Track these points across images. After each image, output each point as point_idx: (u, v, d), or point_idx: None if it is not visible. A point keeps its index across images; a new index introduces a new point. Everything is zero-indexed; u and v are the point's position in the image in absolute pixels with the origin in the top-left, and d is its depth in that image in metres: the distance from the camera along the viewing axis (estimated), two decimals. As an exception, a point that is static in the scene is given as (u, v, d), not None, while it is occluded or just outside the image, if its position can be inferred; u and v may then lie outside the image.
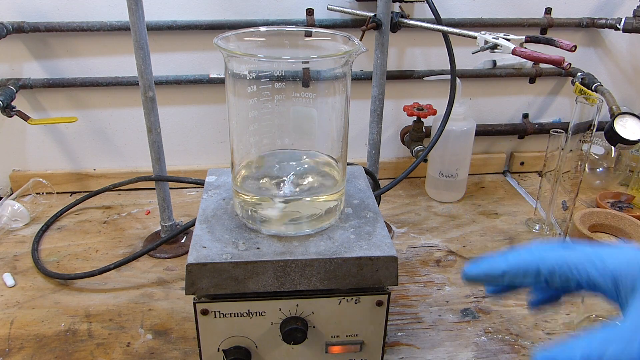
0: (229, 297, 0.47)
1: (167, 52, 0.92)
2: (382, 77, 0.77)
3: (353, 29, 0.92)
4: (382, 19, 0.74)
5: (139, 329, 0.65)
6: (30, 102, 0.93)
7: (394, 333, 0.65)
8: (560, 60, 0.62)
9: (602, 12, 1.00)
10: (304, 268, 0.46)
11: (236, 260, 0.46)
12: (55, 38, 0.89)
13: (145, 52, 0.69)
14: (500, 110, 1.07)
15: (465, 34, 0.70)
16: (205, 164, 1.02)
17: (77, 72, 0.91)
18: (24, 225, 0.87)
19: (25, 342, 0.63)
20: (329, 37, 0.51)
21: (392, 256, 0.47)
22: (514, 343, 0.64)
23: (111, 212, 0.93)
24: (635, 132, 0.80)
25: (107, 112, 0.95)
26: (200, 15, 0.90)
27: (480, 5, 0.96)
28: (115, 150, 0.99)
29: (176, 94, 0.95)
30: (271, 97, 0.47)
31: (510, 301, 0.71)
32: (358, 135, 1.02)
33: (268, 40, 0.52)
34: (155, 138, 0.75)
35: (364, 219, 0.52)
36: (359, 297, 0.49)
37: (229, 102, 0.49)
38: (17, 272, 0.76)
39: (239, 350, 0.50)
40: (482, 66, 1.00)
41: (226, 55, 0.45)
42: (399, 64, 0.99)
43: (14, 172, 0.98)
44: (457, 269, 0.78)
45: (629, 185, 1.01)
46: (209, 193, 0.57)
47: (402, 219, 0.91)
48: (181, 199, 0.97)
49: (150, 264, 0.78)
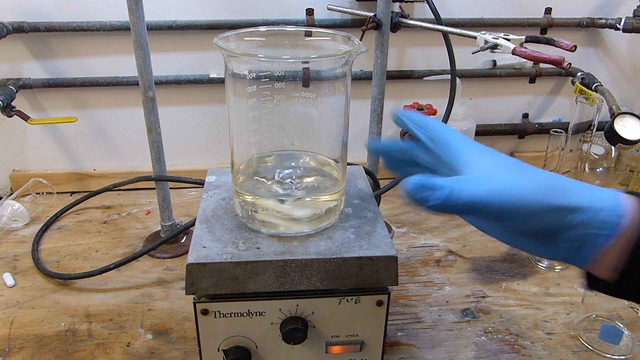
0: (229, 297, 0.47)
1: (167, 52, 0.92)
2: (382, 77, 0.77)
3: (353, 29, 0.92)
4: (382, 18, 0.74)
5: (139, 329, 0.65)
6: (30, 102, 0.93)
7: (394, 333, 0.65)
8: (560, 60, 0.62)
9: (602, 12, 1.00)
10: (304, 268, 0.46)
11: (236, 260, 0.46)
12: (55, 38, 0.89)
13: (145, 52, 0.69)
14: (500, 110, 1.07)
15: (465, 34, 0.70)
16: (205, 164, 1.02)
17: (77, 72, 0.91)
18: (24, 225, 0.87)
19: (25, 342, 0.63)
20: (329, 37, 0.51)
21: (392, 256, 0.47)
22: (514, 343, 0.64)
23: (111, 212, 0.93)
24: (635, 132, 0.80)
25: (107, 112, 0.95)
26: (200, 15, 0.90)
27: (480, 5, 0.96)
28: (115, 150, 0.99)
29: (176, 94, 0.95)
30: (271, 97, 0.47)
31: (510, 301, 0.71)
32: (358, 135, 1.02)
33: (268, 40, 0.52)
34: (155, 138, 0.75)
35: (364, 219, 0.52)
36: (359, 297, 0.49)
37: (229, 102, 0.49)
38: (17, 272, 0.76)
39: (239, 350, 0.50)
40: (482, 66, 1.00)
41: (226, 55, 0.45)
42: (399, 64, 0.99)
43: (14, 172, 0.98)
44: (457, 269, 0.78)
45: (629, 185, 1.01)
46: (209, 193, 0.57)
47: (402, 219, 0.91)
48: (181, 199, 0.97)
49: (150, 264, 0.78)
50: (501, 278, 0.76)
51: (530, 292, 0.73)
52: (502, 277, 0.76)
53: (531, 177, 0.37)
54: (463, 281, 0.75)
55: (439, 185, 0.35)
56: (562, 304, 0.71)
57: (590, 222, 0.35)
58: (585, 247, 0.36)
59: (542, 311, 0.70)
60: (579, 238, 0.36)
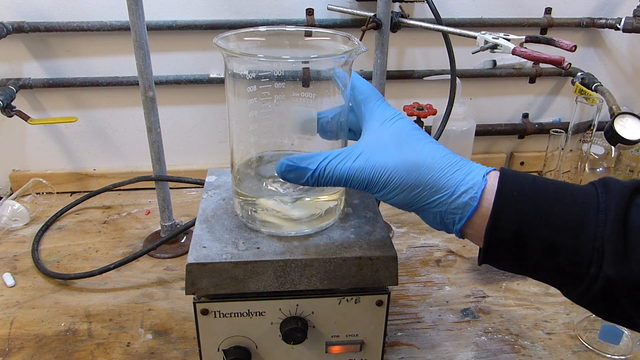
0: (229, 297, 0.47)
1: (167, 52, 0.92)
2: (382, 77, 0.77)
3: (353, 29, 0.92)
4: (382, 18, 0.74)
5: (139, 328, 0.65)
6: (30, 102, 0.93)
7: (394, 333, 0.65)
8: (560, 60, 0.62)
9: (602, 12, 1.00)
10: (304, 268, 0.46)
11: (236, 260, 0.46)
12: (55, 38, 0.89)
13: (145, 52, 0.69)
14: (500, 110, 1.07)
15: (465, 34, 0.70)
16: (205, 164, 1.02)
17: (77, 72, 0.91)
18: (24, 225, 0.87)
19: (25, 342, 0.63)
20: (329, 37, 0.51)
21: (392, 256, 0.47)
22: (514, 343, 0.64)
23: (111, 212, 0.93)
24: (635, 132, 0.80)
25: (107, 112, 0.95)
26: (200, 15, 0.90)
27: (480, 5, 0.96)
28: (115, 150, 0.99)
29: (176, 94, 0.95)
30: (271, 97, 0.47)
31: (510, 301, 0.71)
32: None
33: (268, 40, 0.52)
34: (155, 138, 0.75)
35: (364, 219, 0.52)
36: (359, 297, 0.49)
37: (228, 102, 0.49)
38: (17, 272, 0.76)
39: (239, 350, 0.50)
40: (482, 66, 1.00)
41: (226, 55, 0.45)
42: (399, 64, 0.99)
43: (14, 172, 0.98)
44: (457, 269, 0.78)
45: (629, 185, 1.01)
46: (209, 193, 0.57)
47: (402, 219, 0.91)
48: (181, 199, 0.97)
49: (150, 264, 0.78)
50: (501, 278, 0.76)
51: (530, 292, 0.73)
52: (502, 277, 0.76)
53: (405, 154, 0.40)
54: (463, 281, 0.75)
55: (304, 167, 0.41)
56: (562, 304, 0.71)
57: (450, 202, 0.39)
58: (452, 223, 0.40)
59: (542, 311, 0.70)
60: (444, 214, 0.40)
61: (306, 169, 0.41)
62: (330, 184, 0.41)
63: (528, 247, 0.37)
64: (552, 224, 0.36)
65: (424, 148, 0.40)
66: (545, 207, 0.37)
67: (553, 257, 0.36)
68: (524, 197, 0.37)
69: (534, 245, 0.37)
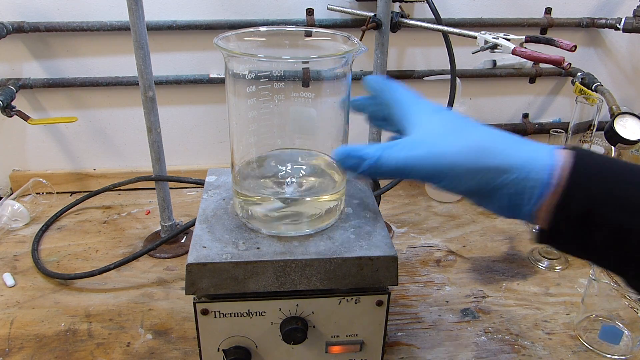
0: (229, 297, 0.47)
1: (167, 52, 0.92)
2: (382, 77, 0.77)
3: (353, 29, 0.92)
4: (382, 18, 0.74)
5: (139, 328, 0.65)
6: (30, 102, 0.93)
7: (394, 333, 0.65)
8: (560, 60, 0.62)
9: (602, 12, 1.00)
10: (304, 268, 0.46)
11: (236, 260, 0.46)
12: (55, 38, 0.89)
13: (145, 52, 0.69)
14: (500, 110, 1.07)
15: (465, 34, 0.70)
16: (205, 164, 1.02)
17: (77, 72, 0.91)
18: (24, 225, 0.87)
19: (25, 342, 0.63)
20: (329, 37, 0.51)
21: (392, 256, 0.47)
22: (514, 343, 0.64)
23: (111, 212, 0.93)
24: (635, 132, 0.80)
25: (107, 112, 0.95)
26: (200, 15, 0.90)
27: (480, 5, 0.96)
28: (115, 150, 0.99)
29: (176, 94, 0.95)
30: (271, 97, 0.47)
31: (510, 301, 0.71)
32: (358, 135, 1.01)
33: (268, 40, 0.52)
34: (155, 138, 0.75)
35: (364, 219, 0.52)
36: (359, 297, 0.49)
37: (229, 102, 0.49)
38: (17, 272, 0.76)
39: (239, 350, 0.50)
40: (482, 66, 1.00)
41: (226, 55, 0.45)
42: (399, 64, 0.99)
43: (14, 172, 0.98)
44: (457, 269, 0.78)
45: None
46: (209, 193, 0.57)
47: (402, 219, 0.91)
48: (181, 199, 0.97)
49: (150, 264, 0.78)
50: (501, 278, 0.76)
51: (530, 292, 0.73)
52: (502, 277, 0.76)
53: (465, 139, 0.38)
54: (463, 281, 0.75)
55: (364, 155, 0.39)
56: (562, 304, 0.71)
57: (521, 182, 0.37)
58: (522, 205, 0.37)
59: (542, 311, 0.70)
60: (513, 196, 0.37)
61: (366, 156, 0.39)
62: (388, 175, 0.39)
63: (596, 229, 0.35)
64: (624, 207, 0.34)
65: (483, 131, 0.39)
66: (619, 188, 0.35)
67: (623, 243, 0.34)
68: (597, 177, 0.35)
69: (603, 228, 0.35)
